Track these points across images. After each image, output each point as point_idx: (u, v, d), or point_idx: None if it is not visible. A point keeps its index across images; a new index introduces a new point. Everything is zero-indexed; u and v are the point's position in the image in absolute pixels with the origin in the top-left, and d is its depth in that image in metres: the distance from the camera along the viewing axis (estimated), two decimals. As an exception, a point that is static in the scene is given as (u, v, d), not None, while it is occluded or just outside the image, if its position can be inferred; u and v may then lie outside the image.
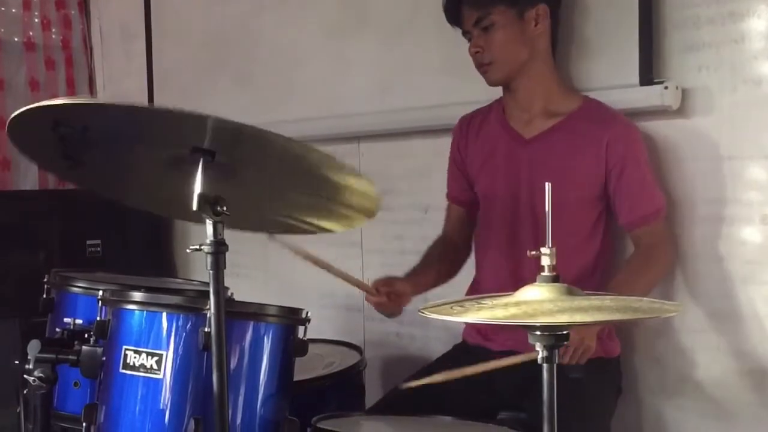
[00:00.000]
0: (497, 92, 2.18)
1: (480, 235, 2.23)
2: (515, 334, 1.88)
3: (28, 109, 1.31)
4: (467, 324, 2.14)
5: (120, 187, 1.73)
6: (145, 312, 1.62)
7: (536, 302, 1.22)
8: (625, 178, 1.98)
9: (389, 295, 2.01)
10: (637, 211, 1.99)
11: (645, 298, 1.32)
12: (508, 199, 2.10)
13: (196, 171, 1.43)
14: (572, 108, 2.06)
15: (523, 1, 2.02)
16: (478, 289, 2.15)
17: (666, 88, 2.00)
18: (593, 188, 2.01)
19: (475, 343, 2.15)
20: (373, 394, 2.23)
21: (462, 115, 2.27)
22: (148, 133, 1.44)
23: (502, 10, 2.01)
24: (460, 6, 2.07)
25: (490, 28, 2.02)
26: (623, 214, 2.01)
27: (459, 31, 2.11)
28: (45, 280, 2.07)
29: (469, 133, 2.23)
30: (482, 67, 2.07)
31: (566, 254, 1.29)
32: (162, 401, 1.57)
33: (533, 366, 1.23)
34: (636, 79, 2.04)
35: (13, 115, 1.32)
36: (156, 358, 1.57)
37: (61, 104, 1.34)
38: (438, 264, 2.23)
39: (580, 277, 1.93)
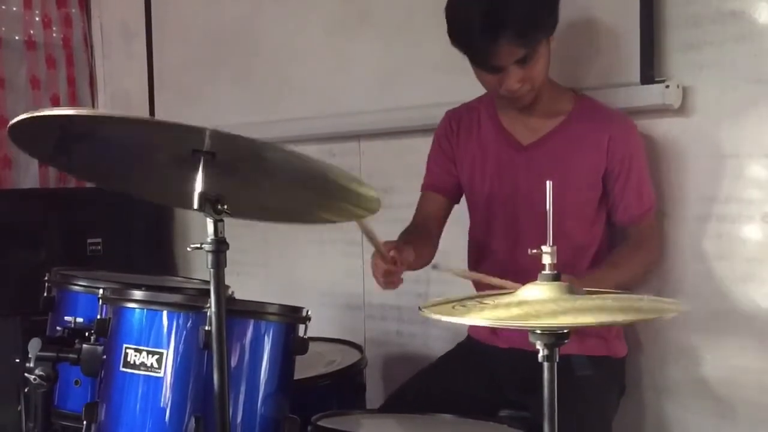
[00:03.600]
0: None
1: (476, 238, 2.19)
2: (521, 331, 1.87)
3: (30, 117, 1.31)
4: None
5: (122, 181, 1.73)
6: (145, 310, 1.62)
7: (538, 302, 1.22)
8: (627, 181, 1.98)
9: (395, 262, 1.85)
10: (631, 211, 2.01)
11: (646, 297, 1.32)
12: (506, 203, 2.07)
13: (198, 170, 1.43)
14: (568, 108, 2.03)
15: (554, 24, 1.93)
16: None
17: (667, 86, 2.00)
18: (593, 189, 2.01)
19: (481, 340, 2.14)
20: (373, 393, 2.23)
21: (448, 110, 2.21)
22: (149, 139, 1.45)
23: (543, 40, 1.90)
24: (497, 44, 1.83)
25: (529, 60, 1.87)
26: (618, 212, 2.02)
27: None
28: (45, 278, 2.07)
29: (461, 129, 2.16)
30: (517, 93, 1.93)
31: (569, 254, 1.29)
32: (162, 400, 1.57)
33: (537, 364, 1.23)
34: (637, 77, 2.04)
35: (14, 120, 1.32)
36: (156, 357, 1.57)
37: (62, 115, 1.36)
38: (422, 248, 2.06)
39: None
